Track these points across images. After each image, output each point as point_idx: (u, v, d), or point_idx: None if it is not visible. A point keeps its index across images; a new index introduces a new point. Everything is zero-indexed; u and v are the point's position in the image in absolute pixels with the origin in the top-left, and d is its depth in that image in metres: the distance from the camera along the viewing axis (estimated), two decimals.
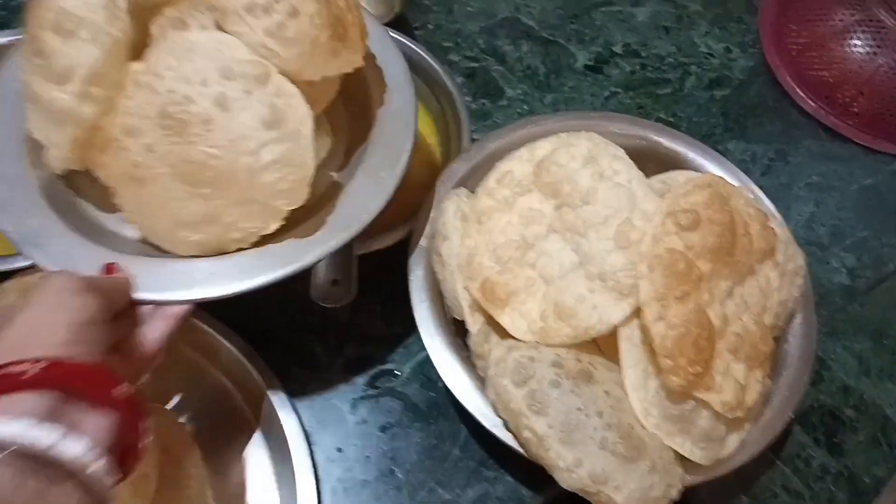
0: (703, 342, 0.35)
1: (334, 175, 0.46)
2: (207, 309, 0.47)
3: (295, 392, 0.48)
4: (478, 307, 0.42)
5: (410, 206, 0.53)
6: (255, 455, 0.46)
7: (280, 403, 0.45)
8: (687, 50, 0.67)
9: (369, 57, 0.46)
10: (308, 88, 0.39)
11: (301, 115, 0.38)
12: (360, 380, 0.49)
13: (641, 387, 0.38)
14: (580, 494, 0.36)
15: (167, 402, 0.46)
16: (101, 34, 0.36)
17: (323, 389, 0.49)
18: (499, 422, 0.40)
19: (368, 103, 0.47)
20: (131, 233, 0.41)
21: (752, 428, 0.40)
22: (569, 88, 0.64)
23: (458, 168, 0.49)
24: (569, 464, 0.36)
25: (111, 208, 0.41)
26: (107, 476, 0.28)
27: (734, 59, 0.67)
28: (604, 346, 0.41)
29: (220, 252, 0.39)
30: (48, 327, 0.30)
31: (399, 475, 0.46)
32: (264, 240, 0.39)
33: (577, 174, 0.39)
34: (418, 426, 0.48)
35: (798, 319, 0.44)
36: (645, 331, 0.37)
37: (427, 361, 0.50)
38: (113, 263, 0.37)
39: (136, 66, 0.37)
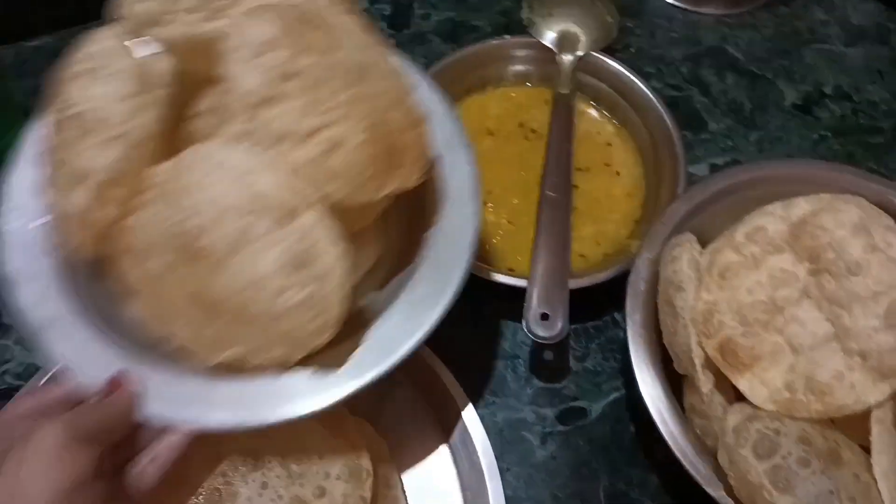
0: None
1: (366, 301, 0.40)
2: None
3: (483, 416, 0.47)
4: (710, 366, 0.40)
5: (613, 239, 0.52)
6: (447, 478, 0.45)
7: (473, 427, 0.45)
8: None
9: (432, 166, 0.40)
10: (348, 211, 0.33)
11: (334, 256, 0.32)
12: (549, 414, 0.48)
13: (892, 474, 0.35)
14: None
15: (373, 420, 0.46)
16: (120, 135, 0.32)
17: (513, 418, 0.48)
18: (713, 480, 0.38)
19: (423, 214, 0.41)
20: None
21: None
22: (775, 127, 0.60)
23: (677, 209, 0.47)
24: None
25: None
26: None
27: None
28: (840, 424, 0.38)
29: (240, 371, 0.35)
30: (29, 498, 0.27)
31: None
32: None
33: (846, 242, 0.37)
34: (608, 470, 0.46)
35: None
36: None
37: (617, 403, 0.49)
38: (118, 378, 0.33)
39: (160, 171, 0.33)
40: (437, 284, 0.37)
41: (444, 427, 0.47)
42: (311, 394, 0.34)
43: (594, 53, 0.56)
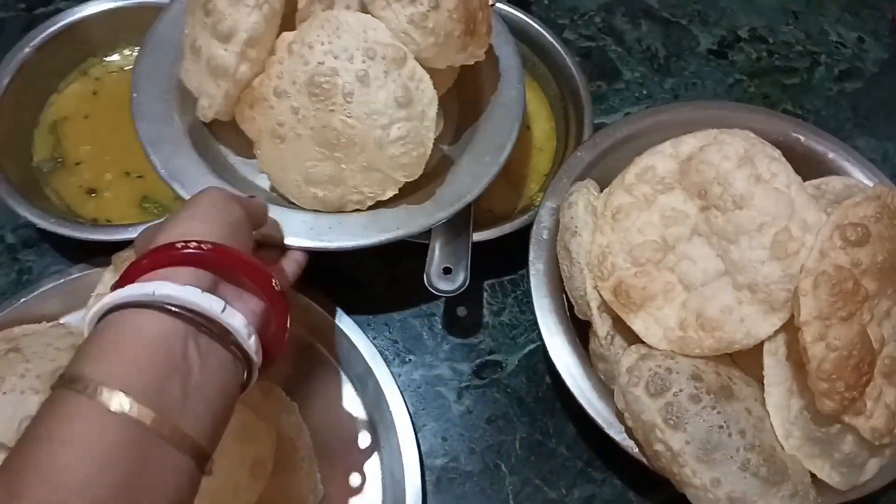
0: (864, 367, 0.33)
1: (444, 148, 0.48)
2: (318, 285, 0.46)
3: (400, 374, 0.47)
4: (606, 308, 0.40)
5: (524, 193, 0.52)
6: (362, 439, 0.45)
7: (389, 389, 0.45)
8: (817, 38, 0.63)
9: (488, 49, 0.46)
10: (433, 74, 0.40)
11: (429, 98, 0.40)
12: (465, 368, 0.48)
13: (784, 406, 0.36)
14: None
15: (279, 382, 0.46)
16: (263, 3, 0.39)
17: (429, 375, 0.48)
18: (619, 428, 0.39)
19: (480, 91, 0.48)
20: (262, 182, 0.45)
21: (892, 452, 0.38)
22: (690, 73, 0.60)
23: (582, 157, 0.47)
24: (705, 483, 0.34)
25: (247, 155, 0.45)
26: (256, 355, 0.31)
27: (867, 50, 0.62)
28: (739, 358, 0.39)
29: (339, 210, 0.42)
30: (205, 225, 0.32)
31: (503, 469, 0.45)
32: (378, 205, 0.42)
33: (731, 175, 0.37)
34: (524, 421, 0.47)
35: None
36: (793, 347, 0.35)
37: (533, 354, 0.49)
38: (253, 195, 0.40)
39: (288, 36, 0.40)
40: (496, 142, 0.45)
41: (361, 390, 0.46)
42: (401, 225, 0.42)
43: (500, 4, 0.55)
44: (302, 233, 0.42)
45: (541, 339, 0.48)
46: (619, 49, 0.61)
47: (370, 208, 0.43)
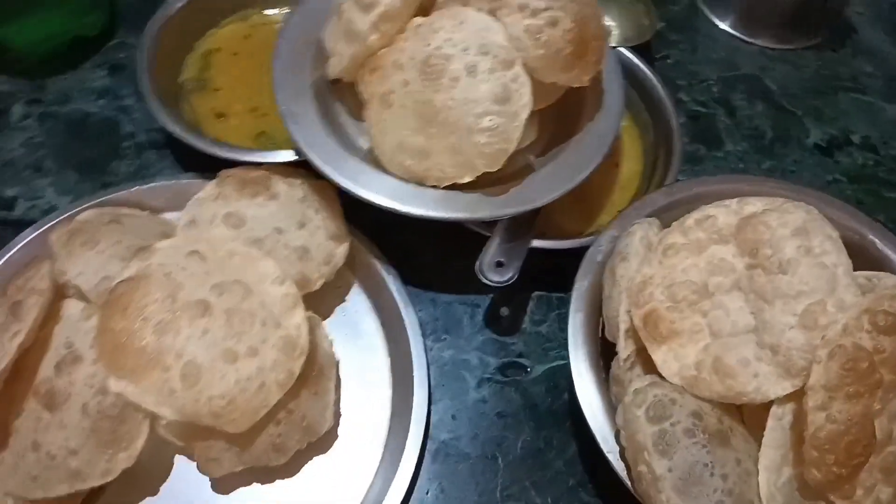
0: (858, 448, 0.33)
1: (532, 158, 0.51)
2: (385, 252, 0.51)
3: (432, 348, 0.50)
4: (633, 335, 0.42)
5: (595, 222, 0.54)
6: (380, 391, 0.49)
7: (417, 354, 0.48)
8: None
9: (596, 78, 0.50)
10: (536, 86, 0.44)
11: (524, 103, 0.44)
12: (492, 362, 0.51)
13: (775, 470, 0.36)
14: None
15: (325, 317, 0.50)
16: None
17: (458, 358, 0.51)
18: (615, 448, 0.40)
19: (579, 116, 0.53)
20: (362, 143, 0.51)
21: None
22: (791, 161, 0.61)
23: (656, 199, 0.49)
24: None
25: (356, 117, 0.51)
26: None
27: None
28: (748, 417, 0.39)
29: (419, 182, 0.47)
30: None
31: (500, 463, 0.47)
32: (454, 187, 0.46)
33: (783, 241, 0.38)
34: (532, 426, 0.48)
35: None
36: (799, 417, 0.36)
37: (559, 370, 0.51)
38: None
39: (418, 20, 0.46)
40: (579, 163, 0.49)
41: (393, 349, 0.50)
42: (469, 208, 0.46)
43: (624, 50, 0.58)
44: (385, 193, 0.46)
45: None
46: (728, 121, 0.63)
47: (446, 188, 0.47)
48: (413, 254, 0.54)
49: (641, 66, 0.58)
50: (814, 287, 0.37)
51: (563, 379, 0.50)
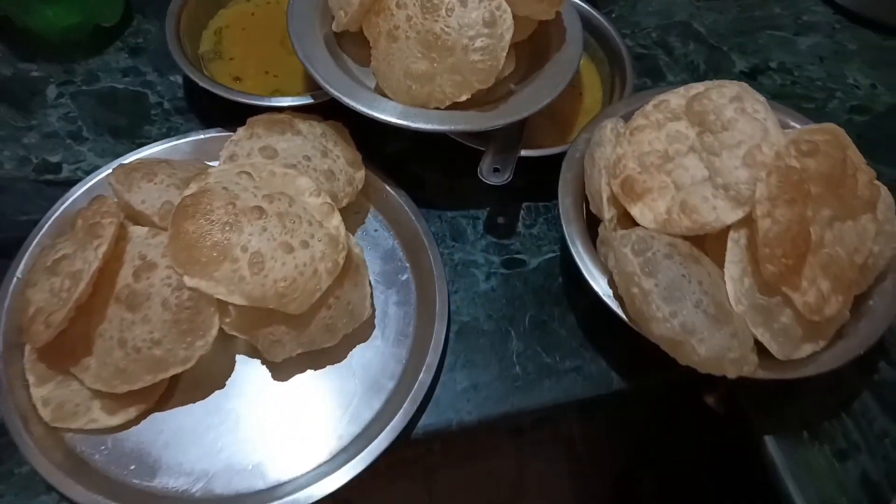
0: (799, 241, 0.43)
1: (512, 86, 0.60)
2: (396, 180, 0.59)
3: (443, 253, 0.59)
4: (614, 202, 0.51)
5: (569, 139, 0.64)
6: (405, 287, 0.57)
7: (434, 258, 0.56)
8: (836, 78, 0.74)
9: (559, 15, 0.61)
10: (514, 20, 0.54)
11: (507, 26, 0.54)
12: (496, 259, 0.60)
13: (738, 279, 0.46)
14: (667, 345, 0.45)
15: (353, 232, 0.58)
16: None
17: (467, 259, 0.59)
18: (608, 292, 0.49)
19: (547, 48, 0.63)
20: (369, 82, 0.58)
21: (825, 351, 0.47)
22: None
23: (618, 108, 0.59)
24: (665, 314, 0.44)
25: (362, 63, 0.59)
26: None
27: (878, 95, 0.73)
28: (711, 250, 0.49)
29: (423, 105, 0.55)
30: None
31: (512, 335, 0.56)
32: (454, 106, 0.55)
33: (724, 107, 0.49)
34: (535, 305, 0.57)
35: (887, 282, 0.50)
36: (751, 238, 0.46)
37: (552, 260, 0.60)
38: None
39: None
40: (553, 83, 0.59)
41: (412, 256, 0.58)
42: (468, 121, 0.55)
43: (576, 1, 0.69)
44: (394, 115, 0.55)
45: (561, 251, 0.60)
46: (668, 59, 0.74)
47: (447, 108, 0.56)
48: (418, 181, 0.63)
49: (592, 11, 0.69)
50: (751, 135, 0.47)
51: (555, 267, 0.59)
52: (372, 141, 0.60)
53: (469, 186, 0.62)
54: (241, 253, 0.48)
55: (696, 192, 0.48)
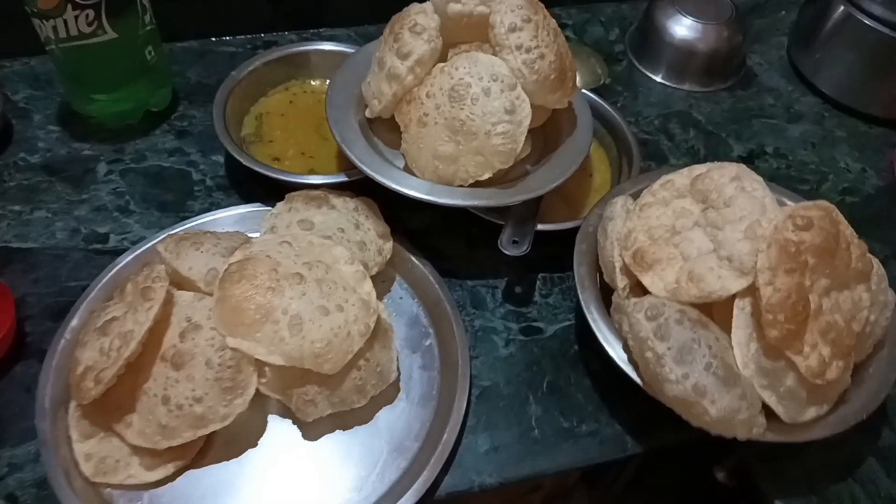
0: (799, 307, 0.47)
1: (528, 167, 0.66)
2: (421, 245, 0.64)
3: (465, 322, 0.63)
4: (626, 272, 0.55)
5: (579, 218, 0.69)
6: (429, 352, 0.60)
7: (456, 324, 0.60)
8: (828, 163, 0.80)
9: (570, 105, 0.67)
10: (531, 109, 0.60)
11: (526, 114, 0.60)
12: (514, 326, 0.63)
13: (745, 344, 0.49)
14: (681, 406, 0.48)
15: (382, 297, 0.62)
16: (432, 40, 0.60)
17: (487, 326, 0.63)
18: (623, 357, 0.53)
19: (560, 134, 0.68)
20: (398, 162, 0.64)
21: (830, 415, 0.50)
22: None
23: (627, 187, 0.64)
24: (678, 376, 0.47)
25: (393, 146, 0.64)
26: None
27: (867, 178, 0.79)
28: (718, 317, 0.53)
29: (448, 183, 0.61)
30: None
31: (530, 399, 0.59)
32: (476, 184, 0.60)
33: (725, 186, 0.53)
34: (552, 370, 0.60)
35: (885, 350, 0.54)
36: (755, 305, 0.49)
37: (567, 328, 0.63)
38: None
39: (441, 64, 0.61)
40: (566, 164, 0.64)
41: (436, 323, 0.62)
42: (490, 197, 0.60)
43: (584, 91, 0.76)
44: (423, 191, 0.60)
45: (576, 320, 0.64)
46: (670, 143, 0.80)
47: (470, 186, 0.61)
48: (441, 252, 0.67)
49: (600, 101, 0.76)
50: (750, 211, 0.52)
51: (570, 335, 0.63)
52: (399, 215, 0.65)
53: (488, 258, 0.66)
54: (281, 315, 0.51)
55: (702, 263, 0.52)
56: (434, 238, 0.68)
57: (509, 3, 0.61)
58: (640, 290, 0.55)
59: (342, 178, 0.65)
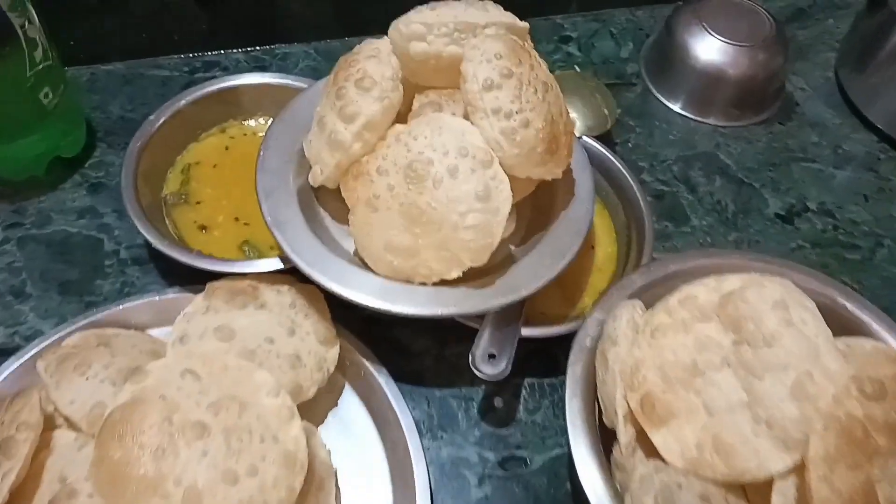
0: None
1: (512, 248, 0.53)
2: (374, 350, 0.51)
3: (429, 448, 0.50)
4: (632, 419, 0.42)
5: (577, 305, 0.56)
6: (380, 495, 0.48)
7: (416, 457, 0.47)
8: (884, 222, 0.66)
9: (566, 167, 0.52)
10: (513, 180, 0.46)
11: (504, 198, 0.46)
12: (491, 457, 0.51)
13: None
14: None
15: (318, 424, 0.50)
16: (384, 97, 0.47)
17: (456, 456, 0.50)
18: None
19: (553, 205, 0.55)
20: (347, 245, 0.51)
21: None
22: (755, 231, 0.64)
23: (635, 280, 0.50)
24: None
25: (341, 221, 0.52)
26: None
27: None
28: (751, 493, 0.40)
29: (407, 280, 0.48)
30: None
31: None
32: (441, 283, 0.47)
33: (765, 314, 0.40)
34: None
35: None
36: (802, 491, 0.36)
37: (558, 459, 0.51)
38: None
39: (399, 127, 0.48)
40: (559, 250, 0.51)
41: (391, 452, 0.49)
42: (459, 303, 0.47)
43: (587, 138, 0.62)
44: (373, 294, 0.47)
45: (567, 446, 0.51)
46: (691, 197, 0.66)
47: (434, 284, 0.48)
48: (403, 349, 0.54)
49: (605, 152, 0.61)
50: (799, 358, 0.38)
51: (562, 468, 0.50)
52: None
53: (461, 355, 0.52)
54: (173, 487, 0.39)
55: (732, 424, 0.39)
56: (396, 329, 0.55)
57: (485, 48, 0.46)
58: (649, 441, 0.42)
59: (277, 265, 0.52)
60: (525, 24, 0.52)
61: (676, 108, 0.73)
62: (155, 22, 0.70)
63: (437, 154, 0.46)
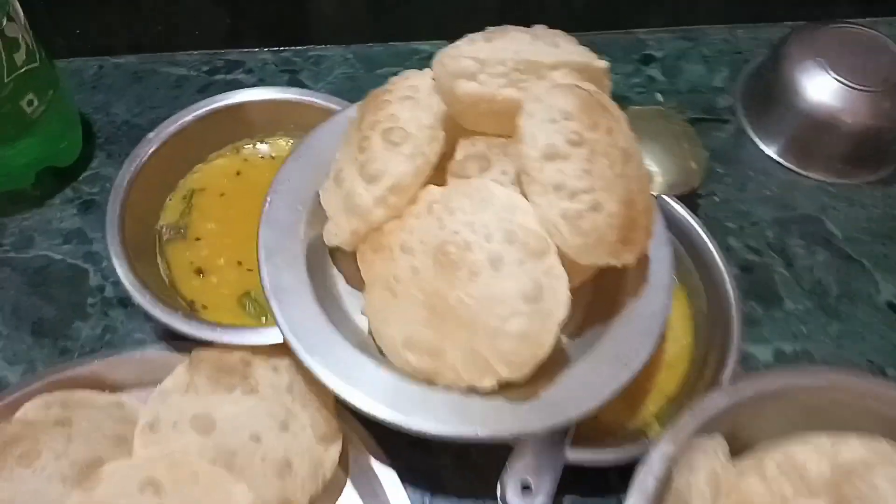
0: None
1: (564, 339, 0.42)
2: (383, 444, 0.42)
3: None
4: None
5: (639, 412, 0.46)
6: None
7: None
8: None
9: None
10: (571, 265, 0.37)
11: (560, 301, 0.36)
12: None
13: None
14: None
15: None
16: (418, 154, 0.38)
17: None
18: None
19: (621, 290, 0.43)
20: (362, 322, 0.42)
21: None
22: (860, 322, 0.52)
23: (718, 402, 0.40)
24: None
25: (358, 286, 0.43)
26: None
27: None
28: None
29: (428, 381, 0.38)
30: None
31: None
32: (470, 390, 0.38)
33: None
34: None
35: None
36: None
37: None
38: None
39: (435, 191, 0.38)
40: (624, 357, 0.40)
41: None
42: (490, 422, 0.37)
43: (666, 198, 0.51)
44: (384, 398, 0.38)
45: None
46: (786, 273, 0.55)
47: (460, 391, 0.38)
48: (419, 441, 0.45)
49: (686, 216, 0.50)
50: None
51: None
52: None
53: (488, 465, 0.44)
54: None
55: None
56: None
57: (551, 103, 0.36)
58: None
59: (276, 339, 0.43)
60: (604, 64, 0.41)
61: (773, 152, 0.61)
62: (173, 12, 0.60)
63: (477, 237, 0.36)
